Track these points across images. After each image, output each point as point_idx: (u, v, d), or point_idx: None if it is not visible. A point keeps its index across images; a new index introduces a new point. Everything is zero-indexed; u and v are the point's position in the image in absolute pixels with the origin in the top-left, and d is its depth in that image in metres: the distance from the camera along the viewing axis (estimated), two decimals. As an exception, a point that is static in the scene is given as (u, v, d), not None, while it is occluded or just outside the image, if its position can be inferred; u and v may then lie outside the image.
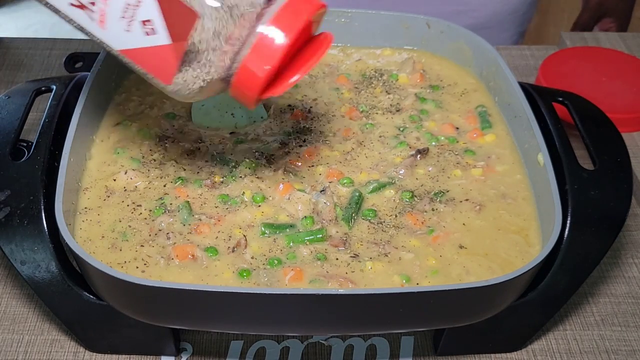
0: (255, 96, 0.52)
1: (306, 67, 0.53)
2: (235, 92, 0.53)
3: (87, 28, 0.52)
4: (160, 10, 0.49)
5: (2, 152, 0.63)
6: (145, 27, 0.49)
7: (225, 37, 0.50)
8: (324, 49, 0.54)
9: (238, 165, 0.69)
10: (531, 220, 0.65)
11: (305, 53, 0.54)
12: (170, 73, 0.51)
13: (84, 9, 0.51)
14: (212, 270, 0.59)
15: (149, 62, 0.51)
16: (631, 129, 0.91)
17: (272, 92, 0.53)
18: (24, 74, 0.98)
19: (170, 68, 0.50)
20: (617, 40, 1.06)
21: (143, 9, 0.49)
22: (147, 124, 0.73)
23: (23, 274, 0.59)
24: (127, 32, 0.50)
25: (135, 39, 0.50)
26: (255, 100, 0.53)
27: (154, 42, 0.50)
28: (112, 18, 0.50)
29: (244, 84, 0.52)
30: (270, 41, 0.50)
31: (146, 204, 0.65)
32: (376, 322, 0.59)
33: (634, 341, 0.69)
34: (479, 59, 0.80)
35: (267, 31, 0.50)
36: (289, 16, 0.50)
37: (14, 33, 2.58)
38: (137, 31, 0.50)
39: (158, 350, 0.66)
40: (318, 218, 0.64)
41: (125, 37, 0.50)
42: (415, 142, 0.73)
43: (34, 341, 0.67)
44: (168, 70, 0.51)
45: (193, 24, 0.48)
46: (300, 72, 0.53)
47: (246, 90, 0.52)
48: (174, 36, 0.49)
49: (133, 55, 0.51)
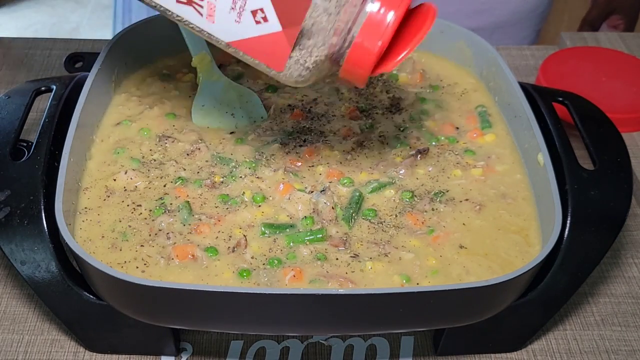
0: (368, 73, 0.53)
1: (415, 41, 0.53)
2: (346, 71, 0.54)
3: (196, 23, 0.52)
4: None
5: (2, 152, 0.63)
6: (255, 16, 0.50)
7: (337, 17, 0.50)
8: (430, 21, 0.53)
9: (238, 165, 0.69)
10: (531, 220, 0.65)
11: (410, 27, 0.53)
12: (282, 59, 0.52)
13: (192, 5, 0.51)
14: (212, 270, 0.59)
15: (260, 51, 0.52)
16: (631, 129, 0.91)
17: (383, 68, 0.53)
18: (24, 74, 0.98)
19: (283, 54, 0.51)
20: (617, 40, 1.06)
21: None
22: (147, 124, 0.73)
23: (23, 274, 0.59)
24: (237, 24, 0.51)
25: (245, 30, 0.51)
26: (366, 79, 0.53)
27: (265, 31, 0.51)
28: (222, 11, 0.51)
29: (356, 62, 0.52)
30: (381, 17, 0.50)
31: (146, 204, 0.65)
32: (376, 322, 0.59)
33: (634, 341, 0.69)
34: (479, 59, 0.80)
35: (377, 8, 0.50)
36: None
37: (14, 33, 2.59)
38: (248, 21, 0.50)
39: (158, 350, 0.66)
40: (318, 218, 0.64)
41: (235, 28, 0.51)
42: (416, 142, 0.73)
43: (34, 341, 0.67)
44: (280, 57, 0.52)
45: (306, 8, 0.49)
46: (410, 46, 0.53)
47: (359, 68, 0.52)
48: (286, 22, 0.50)
49: (243, 45, 0.52)
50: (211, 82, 0.76)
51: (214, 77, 0.76)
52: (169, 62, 0.82)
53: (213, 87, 0.76)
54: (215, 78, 0.76)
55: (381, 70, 0.53)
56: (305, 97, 0.78)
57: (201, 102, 0.75)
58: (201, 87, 0.75)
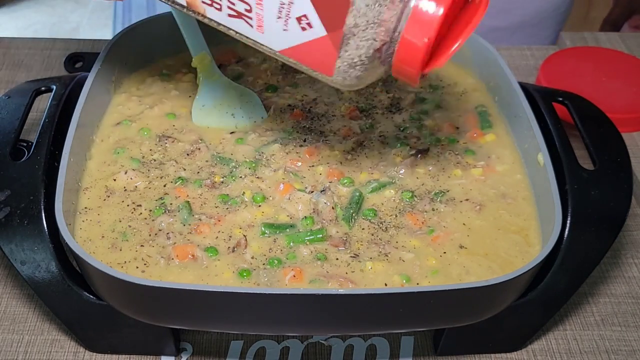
0: (418, 70, 0.51)
1: (465, 34, 0.51)
2: (397, 70, 0.52)
3: (248, 34, 0.53)
4: (312, 3, 0.49)
5: (2, 152, 0.63)
6: (300, 23, 0.50)
7: (380, 16, 0.49)
8: (480, 13, 0.52)
9: (238, 165, 0.69)
10: (531, 220, 0.65)
11: (461, 20, 0.52)
12: (331, 63, 0.51)
13: (242, 17, 0.52)
14: (212, 270, 0.59)
15: (310, 57, 0.52)
16: (631, 129, 0.91)
17: (434, 64, 0.52)
18: (24, 74, 0.98)
19: (331, 58, 0.51)
20: (617, 40, 1.06)
21: (297, 6, 0.49)
22: (147, 124, 0.73)
23: (23, 274, 0.59)
24: (285, 32, 0.51)
25: (293, 37, 0.51)
26: (419, 75, 0.52)
27: (311, 37, 0.51)
28: (269, 20, 0.51)
29: (405, 59, 0.51)
30: (426, 12, 0.48)
31: (146, 204, 0.65)
32: (376, 322, 0.59)
33: (634, 341, 0.69)
34: (479, 59, 0.80)
35: (421, 2, 0.49)
36: None
37: (14, 33, 2.59)
38: (294, 28, 0.51)
39: (158, 350, 0.66)
40: (318, 218, 0.64)
41: (283, 36, 0.51)
42: (416, 141, 0.73)
43: (34, 341, 0.67)
44: (328, 61, 0.51)
45: (347, 10, 0.49)
46: (460, 39, 0.51)
47: (408, 66, 0.51)
48: (329, 26, 0.50)
49: (294, 53, 0.52)
50: (211, 82, 0.76)
51: (214, 77, 0.76)
52: (169, 62, 0.82)
53: (213, 87, 0.75)
54: (215, 78, 0.76)
55: (433, 66, 0.52)
56: (305, 97, 0.78)
57: (201, 102, 0.75)
58: (201, 87, 0.75)
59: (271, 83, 0.80)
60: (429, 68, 0.52)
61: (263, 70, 0.82)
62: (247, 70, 0.81)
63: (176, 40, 0.80)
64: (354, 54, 0.51)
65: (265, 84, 0.80)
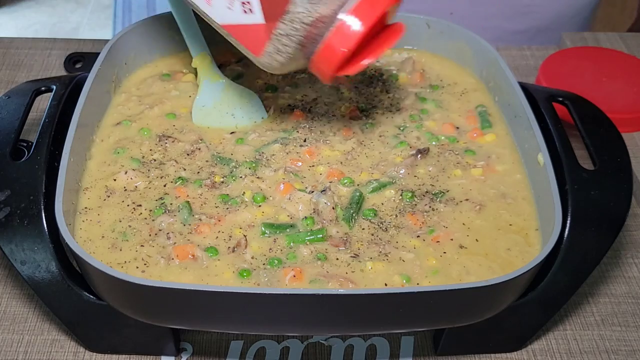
0: (331, 73, 0.60)
1: (377, 52, 0.60)
2: (313, 67, 0.61)
3: (198, 4, 0.61)
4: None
5: (2, 152, 0.63)
6: (244, 6, 0.58)
7: (311, 19, 0.57)
8: (394, 38, 0.61)
9: (238, 165, 0.69)
10: (531, 220, 0.65)
11: (379, 39, 0.61)
12: (260, 46, 0.60)
13: None
14: (212, 270, 0.59)
15: (244, 36, 0.60)
16: (631, 129, 0.91)
17: (346, 71, 0.60)
18: (24, 74, 0.98)
19: (261, 42, 0.59)
20: (617, 40, 1.06)
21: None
22: (147, 124, 0.73)
23: (23, 274, 0.59)
24: (228, 10, 0.59)
25: (235, 16, 0.59)
26: (331, 77, 0.60)
27: (250, 21, 0.59)
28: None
29: (323, 61, 0.59)
30: (349, 27, 0.57)
31: (146, 203, 0.65)
32: (376, 322, 0.59)
33: (634, 341, 0.69)
34: (479, 59, 0.80)
35: (347, 18, 0.57)
36: (367, 7, 0.57)
37: (14, 33, 2.58)
38: (237, 9, 0.59)
39: (158, 350, 0.66)
40: (319, 218, 0.64)
41: (227, 13, 0.59)
42: (416, 141, 0.73)
43: (34, 341, 0.67)
44: (259, 44, 0.60)
45: (285, 7, 0.57)
46: (372, 57, 0.60)
47: (324, 67, 0.60)
48: (268, 16, 0.58)
49: (232, 29, 0.61)
50: (211, 83, 0.76)
51: (214, 77, 0.76)
52: (169, 62, 0.82)
53: (213, 87, 0.75)
54: (215, 78, 0.76)
55: (344, 72, 0.60)
56: (305, 97, 0.78)
57: (201, 102, 0.75)
58: (201, 88, 0.75)
59: (271, 83, 0.80)
60: (341, 73, 0.60)
61: (263, 70, 0.81)
62: (247, 70, 0.81)
63: (176, 40, 0.80)
64: (282, 44, 0.59)
65: (265, 84, 0.80)
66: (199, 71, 0.77)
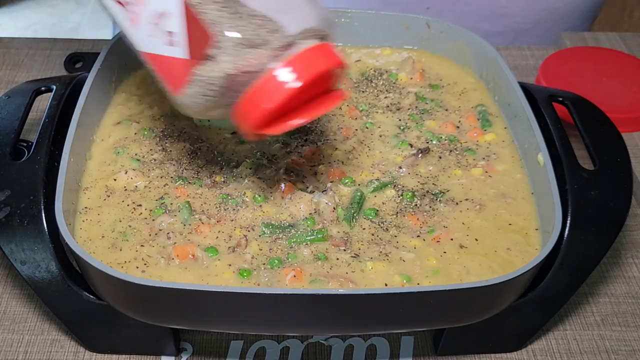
0: (251, 129, 0.52)
1: (310, 114, 0.52)
2: (235, 119, 0.53)
3: (121, 24, 0.55)
4: (185, 26, 0.50)
5: (2, 152, 0.63)
6: (169, 37, 0.51)
7: (239, 65, 0.49)
8: (330, 104, 0.53)
9: (239, 165, 0.69)
10: (531, 220, 0.65)
11: (317, 101, 0.53)
12: (179, 84, 0.52)
13: (124, 6, 0.54)
14: (213, 270, 0.59)
15: (164, 69, 0.53)
16: (631, 129, 0.91)
17: (270, 130, 0.52)
18: (24, 74, 0.98)
19: (181, 80, 0.52)
20: (617, 40, 1.06)
21: (170, 21, 0.51)
22: (147, 124, 0.73)
23: (23, 274, 0.59)
24: (152, 37, 0.52)
25: (157, 46, 0.52)
26: (253, 134, 0.52)
27: (172, 53, 0.51)
28: (143, 21, 0.53)
29: (244, 115, 0.52)
30: (277, 83, 0.49)
31: (146, 203, 0.65)
32: (376, 322, 0.59)
33: (634, 341, 0.69)
34: (479, 59, 0.80)
35: (278, 72, 0.49)
36: (305, 62, 0.49)
37: (14, 33, 2.58)
38: (161, 39, 0.52)
39: (158, 350, 0.66)
40: (319, 218, 0.64)
41: (149, 41, 0.53)
42: (416, 141, 0.73)
43: (34, 341, 0.67)
44: (178, 81, 0.52)
45: (210, 47, 0.49)
46: (303, 117, 0.52)
47: (245, 122, 0.52)
48: (192, 54, 0.50)
49: (152, 58, 0.53)
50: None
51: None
52: (169, 62, 0.82)
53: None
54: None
55: (267, 131, 0.52)
56: (305, 97, 0.78)
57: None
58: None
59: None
60: (264, 131, 0.51)
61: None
62: (247, 70, 0.81)
63: (176, 40, 0.80)
64: (203, 87, 0.51)
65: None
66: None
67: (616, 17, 1.87)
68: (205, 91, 0.51)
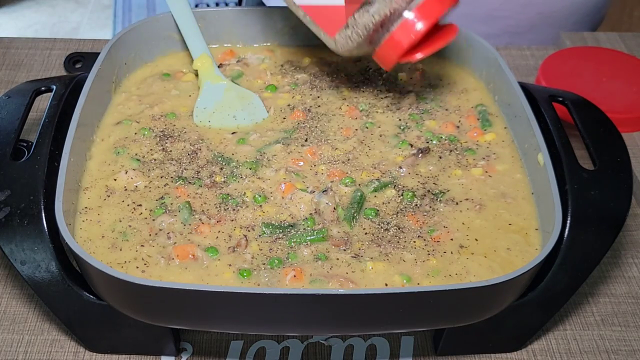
0: (394, 61, 0.65)
1: (431, 49, 0.65)
2: (378, 55, 0.66)
3: None
4: None
5: (2, 152, 0.63)
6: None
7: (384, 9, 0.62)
8: (448, 38, 0.66)
9: (239, 165, 0.69)
10: (531, 220, 0.65)
11: (437, 33, 0.66)
12: (336, 28, 0.65)
13: None
14: (213, 270, 0.59)
15: (322, 17, 0.66)
16: (631, 129, 0.91)
17: (407, 59, 0.65)
18: (24, 74, 0.98)
19: (338, 24, 0.65)
20: (617, 40, 1.06)
21: None
22: (147, 124, 0.73)
23: (23, 274, 0.59)
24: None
25: None
26: (393, 65, 0.66)
27: (331, 2, 0.65)
28: None
29: (388, 50, 0.65)
30: (412, 24, 0.63)
31: (146, 203, 0.65)
32: (376, 322, 0.59)
33: (634, 341, 0.69)
34: (479, 59, 0.80)
35: (412, 16, 0.63)
36: (431, 7, 0.63)
37: (14, 33, 2.58)
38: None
39: (158, 350, 0.66)
40: (320, 219, 0.64)
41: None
42: (416, 140, 0.73)
43: (34, 341, 0.67)
44: (335, 26, 0.65)
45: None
46: (424, 52, 0.65)
47: (388, 55, 0.65)
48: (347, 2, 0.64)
49: (310, 10, 0.66)
50: (213, 85, 0.76)
51: (215, 79, 0.76)
52: (169, 62, 0.82)
53: (215, 89, 0.76)
54: (216, 80, 0.76)
55: (405, 59, 0.65)
56: (305, 96, 0.78)
57: (203, 104, 0.75)
58: (203, 90, 0.76)
59: (271, 83, 0.80)
60: (402, 60, 0.65)
61: (263, 70, 0.82)
62: (247, 70, 0.81)
63: (176, 40, 0.80)
64: (355, 28, 0.64)
65: (265, 83, 0.80)
66: (200, 73, 0.77)
67: (616, 17, 1.87)
68: (357, 33, 0.64)
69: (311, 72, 0.81)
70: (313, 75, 0.81)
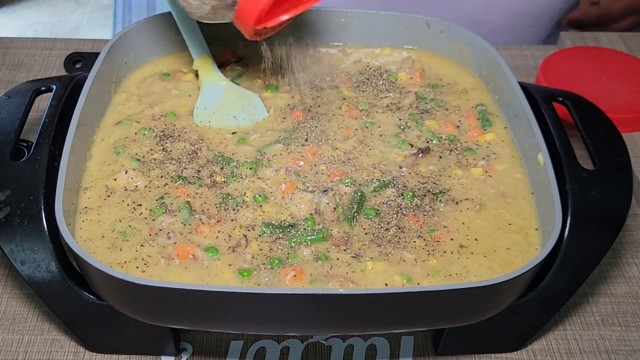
0: (252, 24, 0.63)
1: (295, 11, 0.64)
2: (237, 20, 0.64)
3: None
4: None
5: (2, 152, 0.63)
6: None
7: None
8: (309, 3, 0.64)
9: (239, 165, 0.69)
10: (531, 220, 0.65)
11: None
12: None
13: None
14: (213, 270, 0.59)
15: None
16: (631, 129, 0.91)
17: (265, 24, 0.63)
18: (24, 74, 0.98)
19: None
20: (617, 40, 1.06)
21: None
22: (147, 124, 0.73)
23: (23, 274, 0.59)
24: None
25: None
26: (253, 30, 0.64)
27: None
28: None
29: (244, 13, 0.63)
30: None
31: (146, 203, 0.65)
32: (376, 322, 0.59)
33: (634, 341, 0.69)
34: (479, 59, 0.80)
35: None
36: None
37: (14, 33, 2.58)
38: None
39: (158, 350, 0.66)
40: (320, 218, 0.64)
41: None
42: (416, 140, 0.73)
43: (34, 341, 0.67)
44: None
45: None
46: (289, 14, 0.64)
47: (246, 19, 0.63)
48: None
49: None
50: (213, 85, 0.76)
51: (215, 80, 0.76)
52: (169, 61, 0.82)
53: (215, 90, 0.75)
54: (216, 81, 0.76)
55: (263, 24, 0.63)
56: (305, 96, 0.78)
57: (203, 104, 0.75)
58: (203, 90, 0.75)
59: (271, 83, 0.80)
60: (261, 25, 0.63)
61: (263, 70, 0.82)
62: (247, 70, 0.81)
63: (176, 40, 0.80)
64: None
65: (265, 83, 0.80)
66: (200, 73, 0.77)
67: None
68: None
69: (311, 72, 0.81)
70: (313, 75, 0.81)
